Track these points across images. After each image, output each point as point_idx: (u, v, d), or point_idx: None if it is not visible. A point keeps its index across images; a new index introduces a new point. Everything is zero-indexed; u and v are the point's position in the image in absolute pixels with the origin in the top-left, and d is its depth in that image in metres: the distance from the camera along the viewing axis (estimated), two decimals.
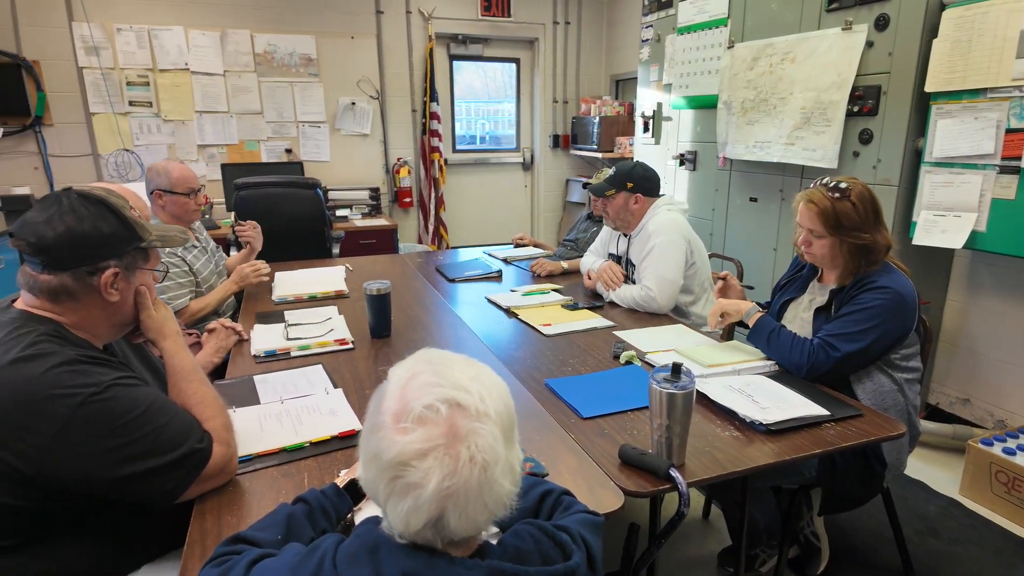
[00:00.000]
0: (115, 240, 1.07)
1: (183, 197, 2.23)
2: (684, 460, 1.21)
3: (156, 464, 1.00)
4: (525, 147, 5.52)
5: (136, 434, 0.98)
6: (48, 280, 1.03)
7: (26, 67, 3.84)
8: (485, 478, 0.65)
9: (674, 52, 3.72)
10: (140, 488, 1.00)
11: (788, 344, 1.61)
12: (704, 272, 2.35)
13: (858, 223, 1.57)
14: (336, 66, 4.58)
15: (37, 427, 0.93)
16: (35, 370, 0.95)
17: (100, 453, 0.96)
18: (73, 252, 1.03)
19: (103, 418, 0.96)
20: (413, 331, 1.98)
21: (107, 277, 1.06)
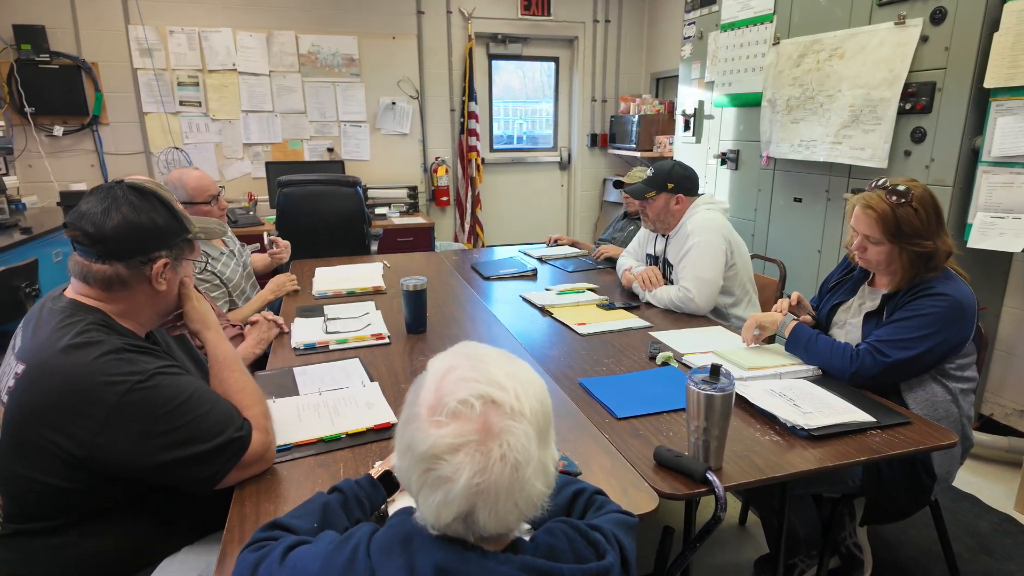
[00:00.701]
0: (167, 232, 1.12)
1: (204, 206, 2.22)
2: (721, 464, 1.18)
3: (197, 451, 1.02)
4: (562, 146, 5.50)
5: (178, 422, 1.01)
6: (103, 269, 1.06)
7: (85, 68, 4.01)
8: (516, 477, 0.64)
9: (717, 49, 3.65)
10: (182, 473, 1.03)
11: (827, 350, 1.55)
12: (745, 274, 2.29)
13: (920, 230, 1.47)
14: (377, 66, 4.65)
15: (88, 412, 0.97)
16: (86, 357, 0.99)
17: (144, 439, 0.99)
18: (130, 243, 1.06)
19: (147, 406, 0.99)
20: (448, 328, 1.99)
21: (158, 267, 1.10)
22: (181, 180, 2.22)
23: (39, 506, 1.02)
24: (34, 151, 4.03)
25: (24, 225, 3.00)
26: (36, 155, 4.04)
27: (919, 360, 1.46)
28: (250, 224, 4.04)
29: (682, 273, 2.19)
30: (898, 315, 1.51)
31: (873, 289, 1.67)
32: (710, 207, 2.30)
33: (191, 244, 1.18)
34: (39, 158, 4.05)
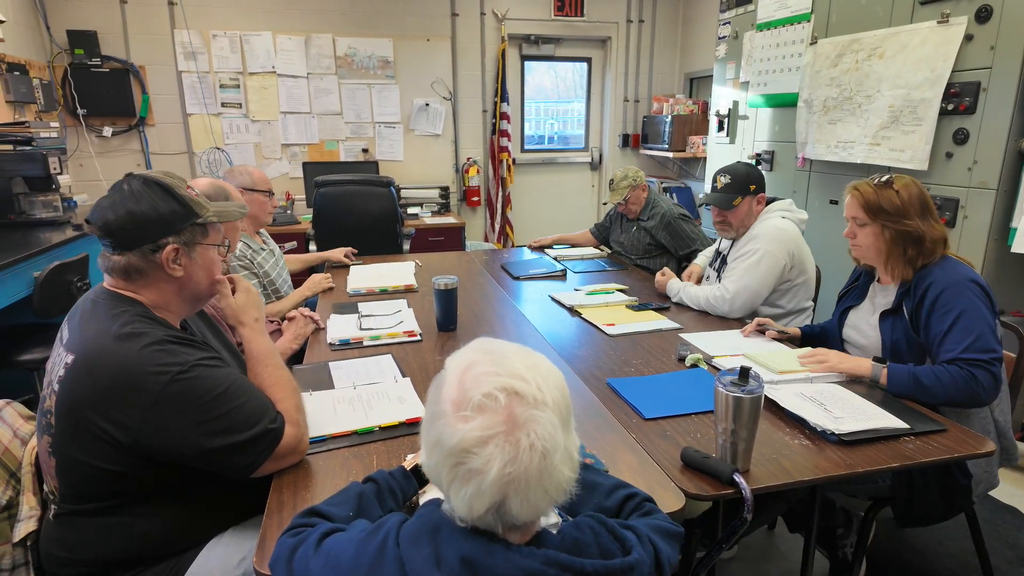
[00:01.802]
0: (173, 218, 1.12)
1: (262, 195, 2.40)
2: (749, 466, 1.18)
3: (235, 440, 1.06)
4: (593, 147, 5.49)
5: (217, 412, 1.05)
6: (118, 260, 1.11)
7: (133, 72, 4.18)
8: (545, 465, 0.66)
9: (752, 49, 3.60)
10: (221, 461, 1.07)
11: (940, 383, 1.42)
12: (804, 293, 2.18)
13: (900, 208, 1.56)
14: (412, 68, 4.72)
15: (133, 401, 1.01)
16: (133, 347, 1.03)
17: (186, 427, 1.03)
18: (135, 232, 1.09)
19: (189, 395, 1.03)
20: (478, 326, 2.02)
21: (167, 253, 1.12)
22: (247, 169, 2.44)
23: (91, 488, 1.07)
24: (85, 151, 4.21)
25: (76, 222, 3.14)
26: (87, 155, 4.22)
27: (998, 349, 1.45)
28: (287, 223, 4.15)
29: (730, 273, 2.14)
30: (937, 325, 1.49)
31: (883, 286, 1.68)
32: (785, 215, 2.19)
33: (204, 228, 1.17)
34: (89, 158, 4.23)
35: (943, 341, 1.48)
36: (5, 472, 1.15)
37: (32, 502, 1.14)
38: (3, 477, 1.14)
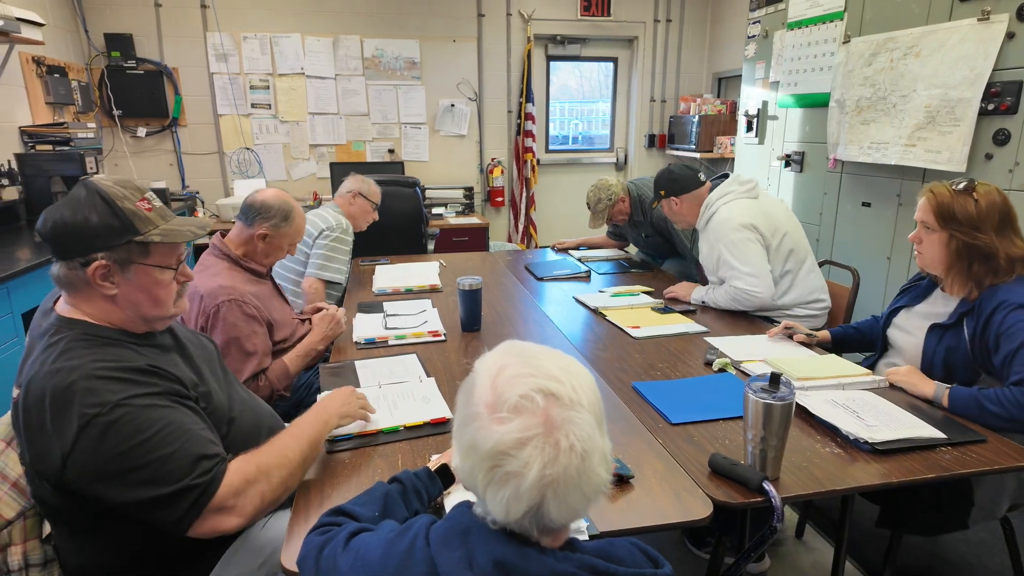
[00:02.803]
0: (104, 232, 1.01)
1: (370, 205, 2.71)
2: (779, 474, 1.16)
3: (158, 494, 0.94)
4: (619, 147, 5.45)
5: (140, 461, 0.94)
6: (55, 269, 1.03)
7: (167, 73, 4.27)
8: (584, 466, 0.65)
9: (782, 48, 3.54)
10: (147, 515, 0.96)
11: (1010, 403, 1.34)
12: (785, 253, 2.19)
13: (973, 219, 1.44)
14: (438, 69, 4.74)
15: (52, 444, 0.94)
16: (60, 383, 0.94)
17: (106, 475, 0.93)
18: (64, 242, 1.00)
19: (107, 439, 0.93)
20: (502, 327, 2.02)
21: (94, 269, 1.00)
22: (369, 182, 2.74)
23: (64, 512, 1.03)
24: (120, 151, 4.32)
25: None
26: (122, 155, 4.33)
27: None
28: None
29: (727, 279, 2.16)
30: (1006, 343, 1.40)
31: (945, 296, 1.59)
32: (726, 200, 2.22)
33: (145, 248, 1.04)
34: (124, 157, 4.33)
35: (1012, 362, 1.38)
36: None
37: None
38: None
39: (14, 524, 1.10)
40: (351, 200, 2.68)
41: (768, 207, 2.24)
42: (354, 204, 2.68)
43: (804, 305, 2.20)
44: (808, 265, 2.23)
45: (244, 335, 1.65)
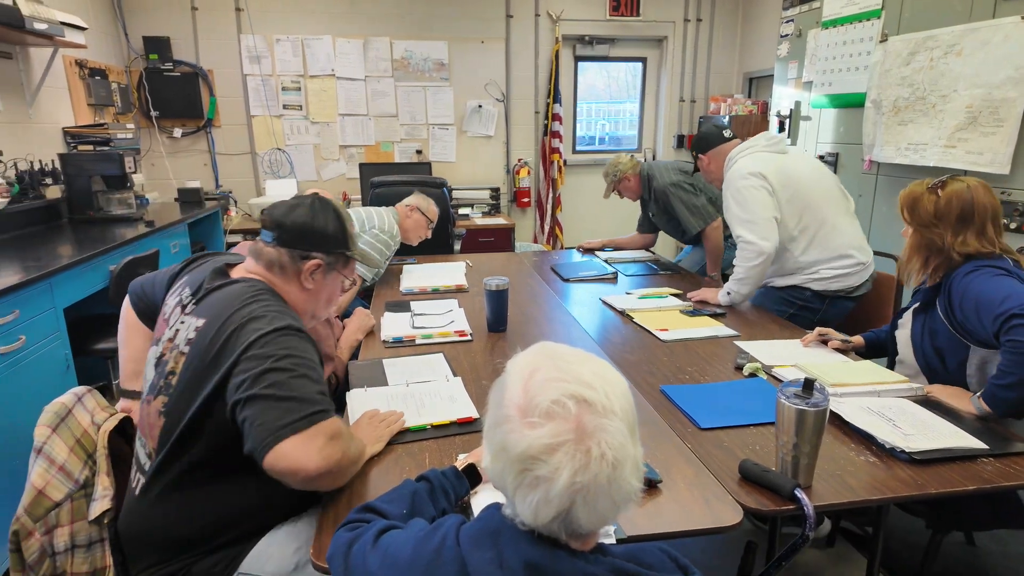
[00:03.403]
0: (332, 241, 1.27)
1: (425, 221, 2.78)
2: (811, 482, 1.13)
3: (279, 394, 1.02)
4: (647, 147, 5.41)
5: (291, 370, 1.04)
6: (271, 251, 1.24)
7: (202, 75, 4.37)
8: (615, 475, 0.65)
9: (816, 47, 3.47)
10: (255, 413, 1.01)
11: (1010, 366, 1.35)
12: (800, 207, 2.17)
13: (931, 215, 1.55)
14: (466, 70, 4.76)
15: (237, 345, 1.07)
16: (266, 315, 1.11)
17: (254, 365, 1.03)
18: (298, 235, 1.24)
19: (280, 344, 1.06)
20: (528, 327, 2.02)
21: (311, 265, 1.24)
22: (431, 202, 2.86)
23: (186, 453, 1.10)
24: (156, 151, 4.43)
25: (148, 219, 3.31)
26: (158, 155, 4.44)
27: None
28: None
29: (733, 229, 2.24)
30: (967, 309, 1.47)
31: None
32: (746, 153, 2.28)
33: (347, 261, 1.31)
34: (160, 158, 4.45)
35: (982, 319, 1.42)
36: (84, 453, 1.21)
37: (106, 483, 1.19)
38: (82, 458, 1.21)
39: (62, 506, 1.16)
40: (408, 213, 2.75)
41: (791, 162, 2.25)
42: (411, 217, 2.75)
43: (829, 264, 2.18)
44: (831, 222, 2.19)
45: (323, 337, 1.70)
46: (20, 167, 2.99)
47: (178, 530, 1.12)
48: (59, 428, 1.20)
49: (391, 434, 1.28)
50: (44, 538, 1.15)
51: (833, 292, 2.19)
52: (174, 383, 1.12)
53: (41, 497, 1.15)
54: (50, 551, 1.16)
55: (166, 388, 1.13)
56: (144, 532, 1.13)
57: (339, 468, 1.04)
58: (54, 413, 1.21)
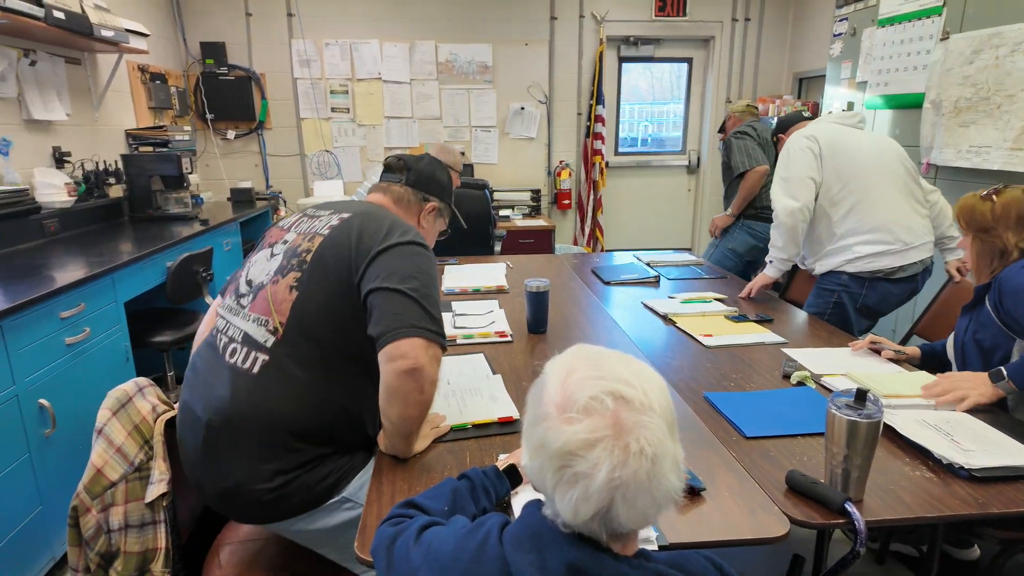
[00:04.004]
0: (446, 191, 1.54)
1: (455, 175, 2.80)
2: (863, 496, 1.10)
3: (418, 296, 1.14)
4: (691, 149, 5.32)
5: (429, 288, 1.18)
6: (399, 189, 1.46)
7: (255, 79, 4.52)
8: (654, 471, 0.64)
9: (872, 47, 3.35)
10: (388, 305, 1.13)
11: None
12: (846, 174, 2.18)
13: (989, 221, 1.57)
14: (509, 73, 4.78)
15: (377, 243, 1.21)
16: (401, 221, 1.29)
17: (396, 267, 1.17)
18: (426, 179, 1.49)
19: (425, 260, 1.22)
20: (568, 329, 2.01)
21: (430, 207, 1.50)
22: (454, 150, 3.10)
23: (316, 330, 1.17)
24: (211, 152, 4.60)
25: (202, 217, 3.44)
26: (213, 156, 4.61)
27: None
28: None
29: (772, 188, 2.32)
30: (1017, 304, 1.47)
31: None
32: (814, 122, 2.36)
33: (449, 211, 1.55)
34: (215, 158, 4.62)
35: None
36: (141, 438, 1.27)
37: (163, 467, 1.24)
38: (139, 442, 1.26)
39: (117, 486, 1.22)
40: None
41: (854, 134, 2.27)
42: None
43: (865, 237, 2.16)
44: (877, 195, 2.16)
45: None
46: (86, 167, 3.15)
47: (296, 412, 1.15)
48: (119, 413, 1.26)
49: (435, 436, 1.30)
50: (100, 515, 1.20)
51: (870, 273, 2.17)
52: (308, 260, 1.21)
53: (99, 475, 1.20)
54: (105, 528, 1.21)
55: (299, 266, 1.21)
56: (263, 411, 1.15)
57: (432, 384, 1.14)
58: (115, 399, 1.27)
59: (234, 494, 1.16)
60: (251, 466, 1.15)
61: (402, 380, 1.10)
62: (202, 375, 1.25)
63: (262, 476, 1.14)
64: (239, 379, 1.18)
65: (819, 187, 2.22)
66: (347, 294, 1.17)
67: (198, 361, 1.30)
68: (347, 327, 1.17)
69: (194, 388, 1.25)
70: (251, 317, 1.22)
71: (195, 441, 1.20)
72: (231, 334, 1.24)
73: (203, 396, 1.21)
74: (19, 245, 2.57)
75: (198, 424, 1.19)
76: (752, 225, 3.41)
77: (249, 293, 1.26)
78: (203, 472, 1.20)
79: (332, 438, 1.20)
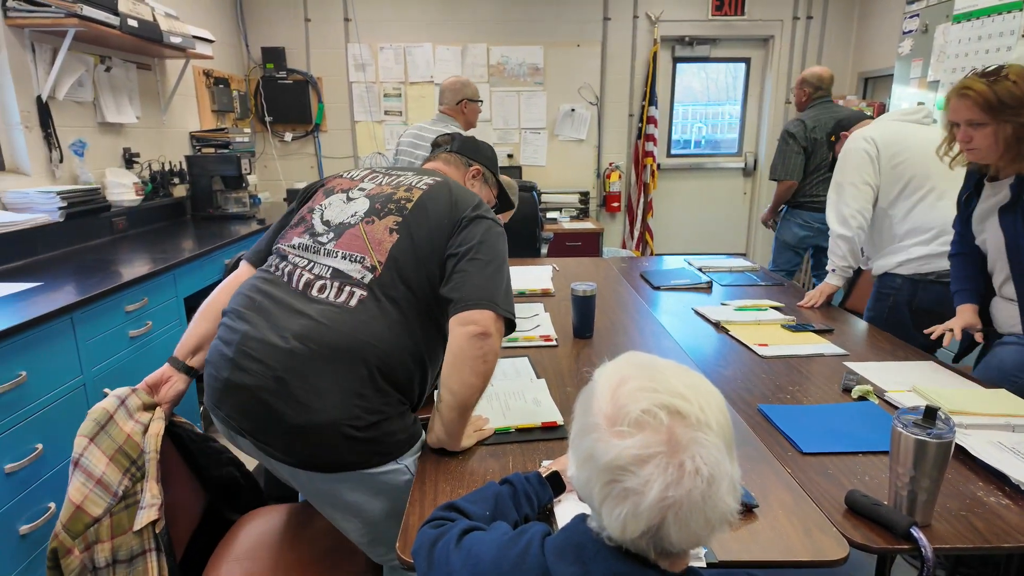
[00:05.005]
0: (491, 160, 1.63)
1: (478, 104, 3.09)
2: (930, 521, 1.02)
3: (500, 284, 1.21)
4: (748, 151, 5.17)
5: (504, 268, 1.25)
6: (447, 156, 1.56)
7: (312, 83, 4.65)
8: (710, 492, 0.61)
9: (945, 44, 3.17)
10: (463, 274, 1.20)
11: None
12: (905, 176, 2.12)
13: (1020, 99, 1.49)
14: (560, 74, 4.76)
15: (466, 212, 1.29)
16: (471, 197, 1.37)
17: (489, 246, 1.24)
18: (469, 147, 1.58)
19: (502, 241, 1.29)
20: (615, 335, 1.97)
21: (474, 169, 1.57)
22: (471, 82, 3.10)
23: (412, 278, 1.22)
24: (269, 154, 4.76)
25: (259, 217, 3.56)
26: (270, 157, 4.77)
27: None
28: None
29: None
30: None
31: (996, 183, 1.65)
32: (877, 120, 2.27)
33: (494, 179, 1.63)
34: (272, 160, 4.77)
35: None
36: (126, 460, 1.15)
37: (155, 490, 1.14)
38: (123, 466, 1.14)
39: (101, 521, 1.09)
40: (463, 110, 3.05)
41: (918, 130, 2.17)
42: (466, 112, 3.04)
43: (923, 238, 2.09)
44: (940, 193, 2.08)
45: None
46: (153, 168, 3.31)
47: (389, 348, 1.16)
48: (98, 437, 1.13)
49: (479, 438, 1.29)
50: (84, 555, 1.08)
51: (922, 276, 2.10)
52: (410, 208, 1.27)
53: (79, 513, 1.07)
54: (91, 567, 1.09)
55: (397, 211, 1.26)
56: (358, 343, 1.14)
57: (495, 356, 1.18)
58: (94, 421, 1.14)
59: (315, 429, 1.11)
60: (341, 399, 1.11)
61: (471, 344, 1.15)
62: (268, 310, 1.19)
63: (349, 411, 1.11)
64: (332, 312, 1.16)
65: (877, 191, 2.15)
66: (438, 249, 1.24)
67: (258, 297, 1.22)
68: (433, 279, 1.23)
69: (256, 322, 1.18)
70: (340, 254, 1.23)
71: (268, 372, 1.12)
72: (316, 272, 1.22)
73: (280, 326, 1.15)
74: (90, 241, 2.72)
75: (277, 352, 1.13)
76: (797, 214, 3.42)
77: (328, 232, 1.27)
78: (276, 405, 1.11)
79: (410, 388, 1.23)
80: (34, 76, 2.55)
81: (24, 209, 2.39)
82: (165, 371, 1.31)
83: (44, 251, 2.43)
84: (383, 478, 1.19)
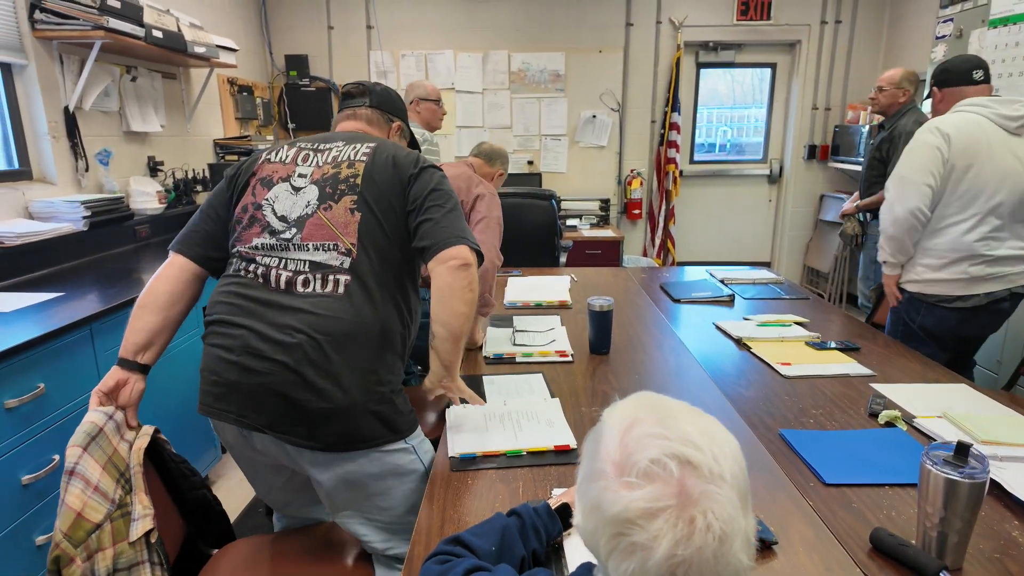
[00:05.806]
0: (404, 112, 1.58)
1: (434, 104, 3.04)
2: (962, 564, 0.97)
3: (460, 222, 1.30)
4: (773, 158, 5.07)
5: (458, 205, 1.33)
6: (367, 113, 1.49)
7: (334, 90, 4.68)
8: (722, 551, 0.57)
9: (981, 49, 3.06)
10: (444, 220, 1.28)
11: None
12: (966, 186, 1.98)
13: None
14: (581, 81, 4.72)
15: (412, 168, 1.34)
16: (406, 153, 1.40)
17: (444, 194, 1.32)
18: (386, 101, 1.52)
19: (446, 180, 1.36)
20: (632, 351, 1.93)
21: (396, 126, 1.54)
22: (422, 83, 3.14)
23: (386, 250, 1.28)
24: None
25: None
26: None
27: None
28: None
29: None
30: None
31: None
32: (967, 108, 2.03)
33: (407, 133, 1.59)
34: None
35: None
36: (116, 471, 1.17)
37: (145, 501, 1.16)
38: (114, 476, 1.17)
39: (102, 527, 1.10)
40: (415, 110, 3.02)
41: (1004, 143, 1.96)
42: (420, 112, 3.02)
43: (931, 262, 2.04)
44: (976, 222, 1.97)
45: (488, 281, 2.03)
46: (176, 176, 3.35)
47: (385, 323, 1.25)
48: (90, 447, 1.15)
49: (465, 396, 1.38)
50: (86, 564, 1.08)
51: (924, 296, 2.07)
52: (359, 183, 1.28)
53: (80, 520, 1.08)
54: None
55: (350, 189, 1.28)
56: (355, 325, 1.21)
57: (476, 283, 1.27)
58: (85, 433, 1.15)
59: (340, 412, 1.18)
60: (358, 379, 1.20)
61: (455, 276, 1.23)
62: (259, 312, 1.21)
63: (368, 389, 1.21)
64: (327, 302, 1.22)
65: (937, 194, 2.01)
66: (399, 212, 1.30)
67: (242, 302, 1.24)
68: (403, 240, 1.30)
69: (252, 325, 1.21)
70: (310, 246, 1.25)
71: (281, 367, 1.16)
72: (293, 268, 1.24)
73: (280, 324, 1.19)
74: (112, 250, 2.76)
75: (285, 348, 1.17)
76: None
77: (289, 228, 1.26)
78: (295, 395, 1.16)
79: (404, 348, 1.32)
80: (62, 87, 2.60)
81: (49, 218, 2.44)
82: (118, 374, 1.27)
83: (67, 260, 2.47)
84: (393, 459, 1.26)
